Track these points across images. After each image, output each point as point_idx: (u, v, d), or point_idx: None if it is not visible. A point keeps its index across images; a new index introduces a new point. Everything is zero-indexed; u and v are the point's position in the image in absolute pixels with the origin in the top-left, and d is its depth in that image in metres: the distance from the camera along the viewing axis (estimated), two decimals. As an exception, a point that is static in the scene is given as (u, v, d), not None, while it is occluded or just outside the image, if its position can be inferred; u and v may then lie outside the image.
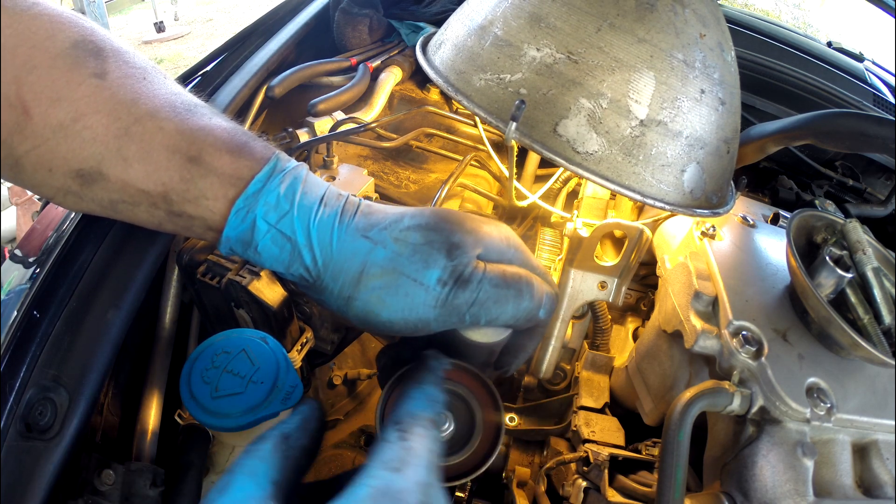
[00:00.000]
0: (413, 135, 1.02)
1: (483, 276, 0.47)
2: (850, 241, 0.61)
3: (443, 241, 0.47)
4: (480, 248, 0.48)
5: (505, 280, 0.48)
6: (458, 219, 0.49)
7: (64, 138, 0.45)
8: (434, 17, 1.25)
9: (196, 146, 0.47)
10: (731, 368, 0.56)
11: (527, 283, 0.49)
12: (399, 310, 0.47)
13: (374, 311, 0.47)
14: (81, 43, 0.47)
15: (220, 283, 0.65)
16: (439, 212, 0.49)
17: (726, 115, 0.61)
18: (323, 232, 0.48)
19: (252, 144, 0.49)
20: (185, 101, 0.50)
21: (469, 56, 0.60)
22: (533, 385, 0.88)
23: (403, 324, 0.47)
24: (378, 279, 0.47)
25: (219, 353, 0.57)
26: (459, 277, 0.47)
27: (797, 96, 1.31)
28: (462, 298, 0.47)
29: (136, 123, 0.46)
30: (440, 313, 0.47)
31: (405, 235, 0.47)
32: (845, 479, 0.55)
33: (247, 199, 0.47)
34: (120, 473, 0.55)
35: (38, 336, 0.54)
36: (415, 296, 0.46)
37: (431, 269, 0.46)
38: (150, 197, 0.48)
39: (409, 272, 0.46)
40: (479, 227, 0.49)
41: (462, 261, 0.47)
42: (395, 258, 0.47)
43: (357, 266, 0.47)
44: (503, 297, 0.48)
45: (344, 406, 0.99)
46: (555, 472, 0.74)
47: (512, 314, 0.49)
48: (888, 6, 1.51)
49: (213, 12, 7.54)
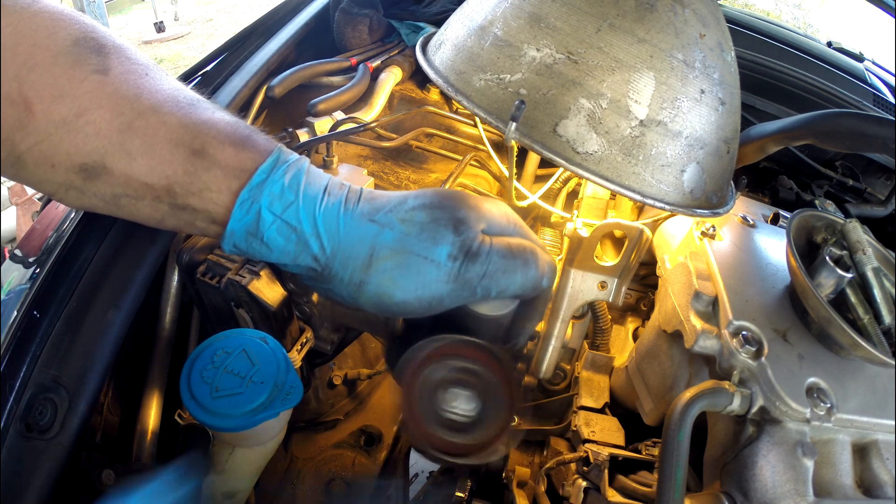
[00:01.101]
0: (413, 135, 1.02)
1: (491, 249, 0.48)
2: (850, 241, 0.61)
3: (448, 218, 0.48)
4: (484, 223, 0.50)
5: (511, 251, 0.49)
6: (461, 196, 0.50)
7: (67, 133, 0.46)
8: (434, 17, 1.25)
9: (199, 139, 0.48)
10: (731, 368, 0.56)
11: (531, 252, 0.51)
12: (412, 289, 0.47)
13: (387, 293, 0.48)
14: (83, 40, 0.47)
15: (220, 283, 0.65)
16: (441, 191, 0.50)
17: (726, 115, 0.61)
18: (329, 219, 0.48)
19: (255, 137, 0.50)
20: (187, 96, 0.50)
21: (469, 56, 0.60)
22: (533, 385, 0.88)
23: (417, 303, 0.48)
24: (388, 260, 0.47)
25: (218, 352, 0.57)
26: (469, 251, 0.48)
27: (797, 96, 1.31)
28: (473, 271, 0.48)
29: (139, 118, 0.47)
30: (453, 288, 0.48)
31: (411, 216, 0.48)
32: (845, 479, 0.55)
33: (251, 189, 0.47)
34: (120, 473, 0.55)
35: (38, 336, 0.54)
36: (427, 273, 0.47)
37: (441, 246, 0.47)
38: (153, 190, 0.48)
39: (418, 250, 0.47)
40: (480, 203, 0.50)
41: (469, 235, 0.48)
42: (403, 238, 0.47)
43: (366, 250, 0.48)
44: (511, 267, 0.49)
45: (344, 406, 0.99)
46: (555, 472, 0.74)
47: (521, 283, 0.50)
48: (888, 6, 1.51)
49: (213, 12, 7.53)
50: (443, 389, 0.50)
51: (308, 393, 0.92)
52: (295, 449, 0.93)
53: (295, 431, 0.94)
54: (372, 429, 0.96)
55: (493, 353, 0.51)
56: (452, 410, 0.50)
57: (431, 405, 0.49)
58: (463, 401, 0.50)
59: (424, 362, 0.50)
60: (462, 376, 0.51)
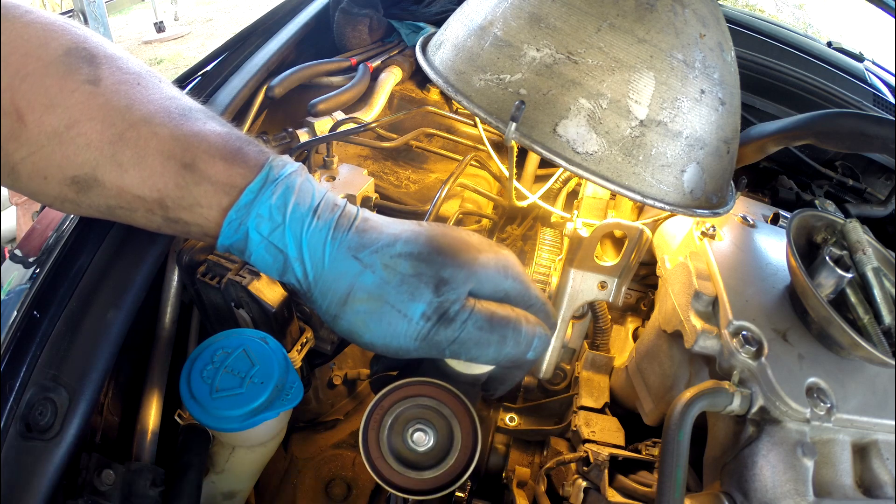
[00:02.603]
0: (413, 135, 1.02)
1: (468, 317, 0.47)
2: (850, 241, 0.61)
3: (432, 276, 0.47)
4: (472, 283, 0.48)
5: (491, 323, 0.48)
6: (453, 250, 0.48)
7: (59, 145, 0.46)
8: (434, 17, 1.25)
9: (190, 153, 0.47)
10: (731, 368, 0.56)
11: (514, 328, 0.49)
12: (381, 336, 0.47)
13: (357, 332, 0.48)
14: (74, 50, 0.47)
15: (220, 283, 0.65)
16: (434, 239, 0.49)
17: (726, 115, 0.60)
18: (314, 247, 0.48)
19: (246, 150, 0.49)
20: (179, 106, 0.49)
21: (469, 56, 0.60)
22: (533, 385, 0.88)
23: (384, 348, 0.48)
24: (363, 303, 0.47)
25: (218, 352, 0.57)
26: (444, 315, 0.47)
27: (797, 96, 1.31)
28: (443, 336, 0.47)
29: (130, 129, 0.46)
30: (420, 346, 0.48)
31: (395, 263, 0.47)
32: (845, 479, 0.55)
33: (238, 210, 0.47)
34: (120, 473, 0.55)
35: (38, 336, 0.54)
36: (397, 325, 0.47)
37: (416, 303, 0.47)
38: (145, 203, 0.48)
39: (394, 302, 0.47)
40: (474, 258, 0.49)
41: (449, 297, 0.47)
42: (382, 285, 0.47)
43: (345, 287, 0.47)
44: (485, 340, 0.48)
45: (344, 406, 0.99)
46: (555, 472, 0.74)
47: (493, 357, 0.49)
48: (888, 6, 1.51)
49: (213, 12, 7.53)
50: (404, 427, 0.52)
51: (308, 393, 0.92)
52: (295, 449, 0.93)
53: (295, 431, 0.94)
54: (372, 429, 0.96)
55: (460, 398, 0.52)
56: (412, 447, 0.51)
57: (391, 438, 0.51)
58: (421, 436, 0.51)
59: (391, 399, 0.52)
60: (423, 414, 0.52)
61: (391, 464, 0.50)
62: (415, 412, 0.52)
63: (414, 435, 0.51)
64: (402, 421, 0.52)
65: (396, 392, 0.52)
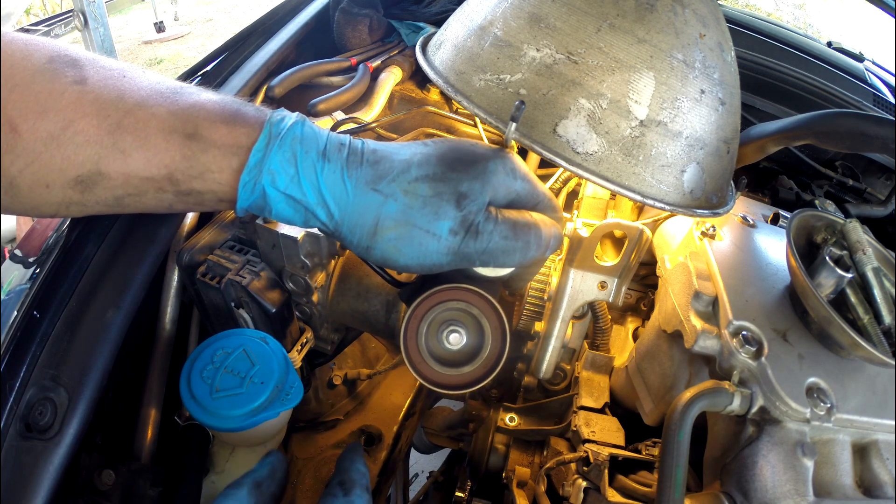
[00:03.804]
0: (413, 135, 1.01)
1: (494, 229, 0.50)
2: (850, 241, 0.61)
3: (451, 192, 0.49)
4: (491, 193, 0.50)
5: (515, 232, 0.51)
6: (465, 164, 0.50)
7: (57, 148, 0.46)
8: (434, 17, 1.25)
9: (191, 123, 0.48)
10: (731, 368, 0.56)
11: (535, 233, 0.52)
12: (414, 257, 0.50)
13: (391, 258, 0.50)
14: (57, 57, 0.47)
15: (220, 283, 0.65)
16: (445, 157, 0.51)
17: (726, 115, 0.60)
18: (333, 189, 0.49)
19: (244, 110, 0.51)
20: (169, 86, 0.50)
21: (469, 56, 0.60)
22: (533, 385, 0.88)
23: (419, 268, 0.51)
24: (392, 231, 0.49)
25: (218, 352, 0.57)
26: (470, 227, 0.49)
27: (797, 96, 1.31)
28: (472, 248, 0.50)
29: (126, 116, 0.47)
30: (452, 259, 0.50)
31: (414, 188, 0.49)
32: (845, 479, 0.55)
33: (250, 171, 0.48)
34: (120, 473, 0.55)
35: (38, 336, 0.54)
36: (428, 245, 0.49)
37: (442, 221, 0.49)
38: (155, 182, 0.49)
39: (420, 224, 0.49)
40: (485, 167, 0.51)
41: (471, 209, 0.49)
42: (406, 211, 0.49)
43: (371, 220, 0.49)
44: (511, 248, 0.51)
45: (344, 406, 0.99)
46: (555, 472, 0.74)
47: (519, 261, 0.52)
48: (888, 6, 1.51)
49: (213, 12, 7.53)
50: (437, 330, 0.56)
51: (308, 393, 0.92)
52: (295, 449, 0.93)
53: (295, 431, 0.94)
54: (372, 429, 0.96)
55: (486, 298, 0.56)
56: (448, 346, 0.56)
57: (428, 342, 0.56)
58: (456, 337, 0.56)
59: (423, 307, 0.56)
60: (455, 315, 0.57)
61: (433, 366, 0.55)
62: (447, 315, 0.56)
63: (450, 336, 0.56)
64: (436, 325, 0.56)
65: (428, 300, 0.56)
